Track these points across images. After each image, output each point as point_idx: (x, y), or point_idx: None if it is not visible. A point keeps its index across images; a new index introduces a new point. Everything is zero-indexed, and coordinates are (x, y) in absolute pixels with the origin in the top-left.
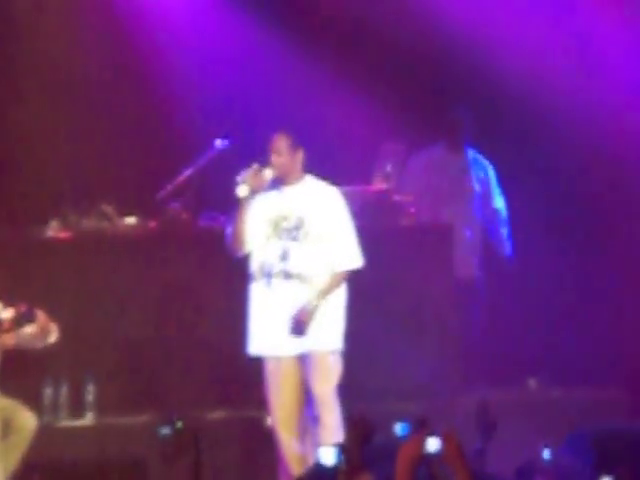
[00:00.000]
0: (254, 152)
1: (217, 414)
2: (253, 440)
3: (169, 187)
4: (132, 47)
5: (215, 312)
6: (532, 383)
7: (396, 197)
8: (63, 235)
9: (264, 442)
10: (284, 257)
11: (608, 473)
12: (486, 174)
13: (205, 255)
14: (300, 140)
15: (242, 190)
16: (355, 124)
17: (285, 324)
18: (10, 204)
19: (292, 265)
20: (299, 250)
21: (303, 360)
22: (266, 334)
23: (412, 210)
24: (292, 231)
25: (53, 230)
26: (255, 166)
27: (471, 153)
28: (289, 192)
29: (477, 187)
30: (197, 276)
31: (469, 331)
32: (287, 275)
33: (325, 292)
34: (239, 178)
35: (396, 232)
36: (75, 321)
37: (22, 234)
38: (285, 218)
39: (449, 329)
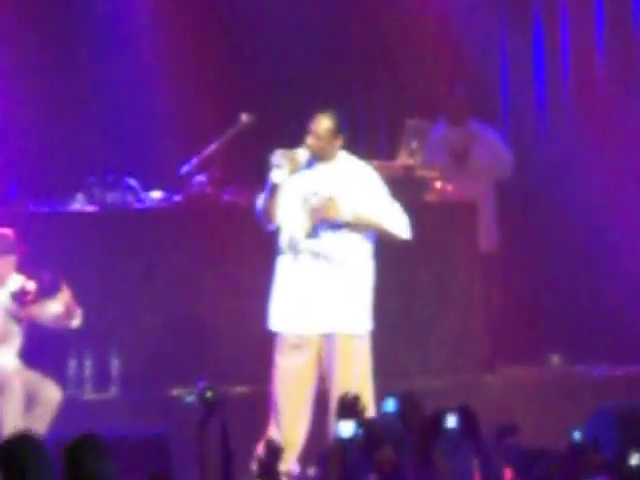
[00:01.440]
0: (279, 126)
1: (241, 389)
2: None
3: (194, 161)
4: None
5: (240, 286)
6: (555, 359)
7: (421, 173)
8: (88, 209)
9: None
10: (313, 235)
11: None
12: (491, 138)
13: (230, 229)
14: (342, 127)
15: (277, 175)
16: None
17: (309, 303)
18: (37, 178)
19: (320, 243)
20: (330, 228)
21: (326, 341)
22: (288, 310)
23: (437, 186)
24: (321, 208)
25: (79, 204)
26: (290, 150)
27: (476, 124)
28: (321, 170)
29: (484, 158)
30: (222, 250)
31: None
32: (314, 254)
33: (366, 223)
34: (274, 161)
35: (421, 208)
36: (100, 295)
37: (48, 208)
38: (315, 194)
39: (474, 305)
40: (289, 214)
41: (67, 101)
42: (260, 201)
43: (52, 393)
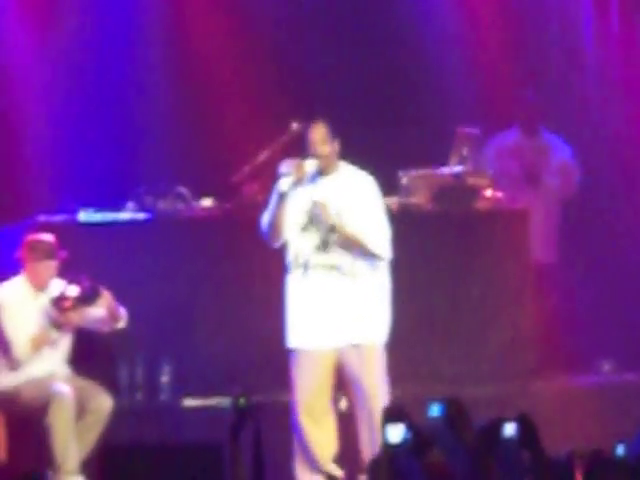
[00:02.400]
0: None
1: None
2: None
3: (245, 169)
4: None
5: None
6: (606, 366)
7: (472, 180)
8: (140, 217)
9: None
10: (322, 248)
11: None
12: (563, 156)
13: None
14: (334, 130)
15: (285, 183)
16: (428, 108)
17: (323, 317)
18: (89, 186)
19: (331, 257)
20: (339, 241)
21: (346, 353)
22: (305, 327)
23: (488, 193)
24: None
25: (130, 212)
26: (298, 159)
27: (547, 136)
28: (325, 183)
29: (554, 170)
30: (271, 257)
31: (545, 316)
32: (325, 267)
33: (349, 236)
34: (282, 170)
35: (472, 216)
36: (151, 302)
37: (100, 217)
38: (313, 202)
39: (524, 314)
40: (297, 229)
41: (118, 109)
42: (266, 217)
43: (103, 401)
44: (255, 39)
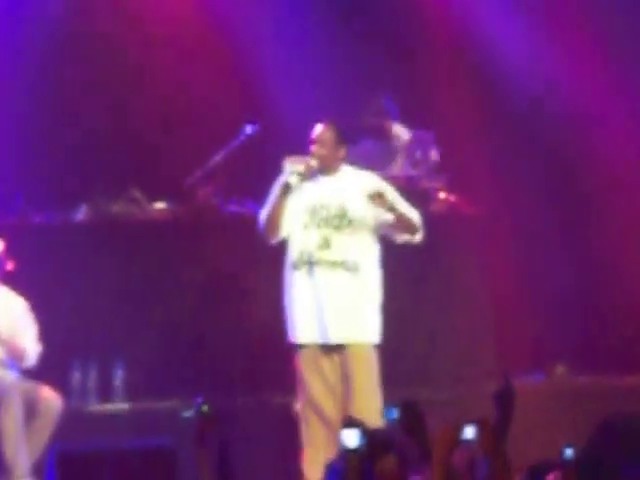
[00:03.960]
0: (283, 137)
1: (245, 400)
2: (281, 426)
3: (199, 172)
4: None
5: (243, 297)
6: (560, 369)
7: (426, 183)
8: (93, 220)
9: (292, 428)
10: (325, 245)
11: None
12: None
13: (234, 241)
14: (345, 136)
15: (293, 179)
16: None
17: (329, 313)
18: (41, 189)
19: (334, 253)
20: (342, 238)
21: (345, 350)
22: (310, 322)
23: (442, 196)
24: (333, 219)
25: (83, 214)
26: (304, 156)
27: None
28: (327, 181)
29: None
30: (226, 261)
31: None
32: (329, 263)
33: (405, 210)
34: (288, 166)
35: (426, 218)
36: (104, 305)
37: (52, 219)
38: (324, 207)
39: (480, 316)
40: (298, 227)
41: (71, 111)
42: (264, 212)
43: (52, 403)
44: (212, 42)
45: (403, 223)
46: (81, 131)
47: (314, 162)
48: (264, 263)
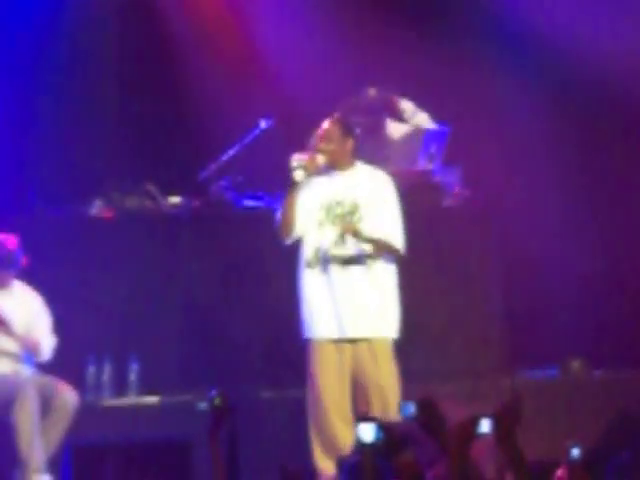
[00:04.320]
0: (297, 133)
1: (262, 394)
2: (298, 420)
3: (213, 166)
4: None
5: (258, 291)
6: (575, 364)
7: (440, 178)
8: (107, 214)
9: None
10: (340, 242)
11: None
12: None
13: (248, 235)
14: (350, 129)
15: (298, 175)
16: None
17: (344, 308)
18: (56, 183)
19: (349, 249)
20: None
21: (362, 345)
22: (325, 317)
23: (455, 190)
24: (347, 216)
25: (97, 209)
26: (310, 151)
27: None
28: (340, 178)
29: None
30: (240, 255)
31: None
32: (345, 260)
33: (371, 240)
34: (294, 162)
35: (439, 212)
36: (119, 300)
37: (67, 213)
38: (338, 204)
39: (493, 311)
40: (313, 225)
41: (86, 105)
42: (279, 212)
43: (67, 398)
44: (226, 36)
45: (380, 250)
46: (95, 125)
47: (321, 159)
48: (278, 257)
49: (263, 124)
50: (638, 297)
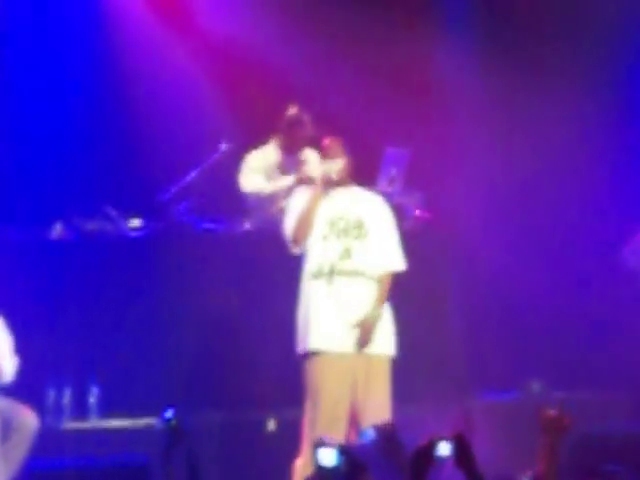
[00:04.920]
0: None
1: (218, 416)
2: (253, 443)
3: (173, 189)
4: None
5: (217, 314)
6: (535, 386)
7: (400, 200)
8: (67, 237)
9: (264, 445)
10: (346, 255)
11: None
12: None
13: (209, 257)
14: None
15: (335, 175)
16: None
17: (349, 321)
18: (17, 205)
19: (355, 263)
20: (361, 248)
21: (363, 361)
22: (330, 330)
23: (417, 213)
24: (352, 230)
25: (58, 232)
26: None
27: None
28: (343, 194)
29: None
30: (200, 277)
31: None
32: (350, 273)
33: (382, 298)
34: (329, 166)
35: (401, 236)
36: (79, 323)
37: (27, 235)
38: (342, 218)
39: (454, 332)
40: (316, 239)
41: (46, 130)
42: (295, 220)
43: (28, 420)
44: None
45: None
46: (55, 150)
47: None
48: (237, 278)
49: (223, 147)
50: (598, 319)
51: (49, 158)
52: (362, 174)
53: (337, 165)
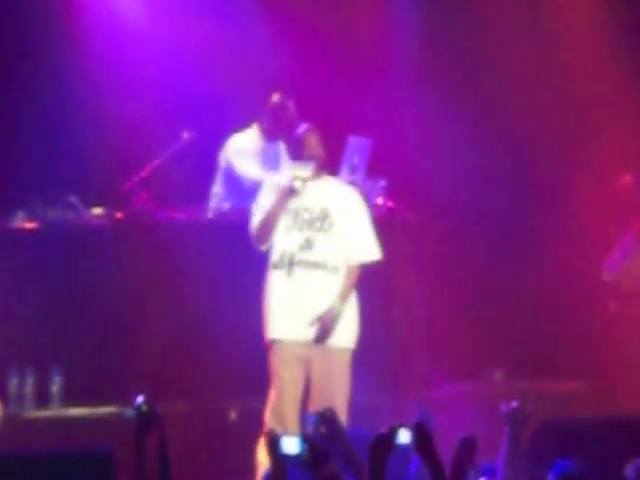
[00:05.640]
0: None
1: (180, 406)
2: (215, 433)
3: (135, 178)
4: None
5: (178, 302)
6: (497, 375)
7: (362, 189)
8: (29, 225)
9: (227, 435)
10: (307, 247)
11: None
12: None
13: (171, 246)
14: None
15: (298, 184)
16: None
17: (307, 312)
18: None
19: (316, 254)
20: (324, 240)
21: (320, 352)
22: (288, 319)
23: (379, 202)
24: (316, 222)
25: (19, 220)
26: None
27: None
28: (310, 185)
29: None
30: (162, 266)
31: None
32: (310, 264)
33: (347, 291)
34: (293, 171)
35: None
36: (41, 311)
37: None
38: (307, 209)
39: (416, 322)
40: (280, 230)
41: (6, 117)
42: (260, 219)
43: None
44: (145, 42)
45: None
46: (17, 138)
47: (312, 167)
48: (200, 267)
49: (185, 135)
50: (563, 309)
51: (11, 146)
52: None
53: (306, 172)
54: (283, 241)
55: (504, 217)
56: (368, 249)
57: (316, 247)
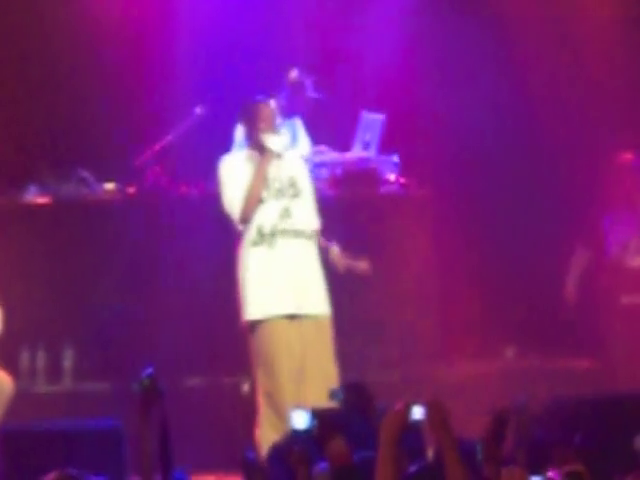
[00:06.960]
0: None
1: (194, 380)
2: (229, 407)
3: (148, 153)
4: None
5: (191, 278)
6: (509, 351)
7: (375, 165)
8: (41, 200)
9: (241, 409)
10: (286, 215)
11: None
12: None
13: (184, 221)
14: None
15: (282, 148)
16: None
17: (292, 282)
18: None
19: (295, 223)
20: (298, 206)
21: (309, 321)
22: (275, 296)
23: (391, 178)
24: (289, 189)
25: (32, 195)
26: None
27: None
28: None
29: None
30: (175, 241)
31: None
32: (291, 233)
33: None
34: (272, 140)
35: (375, 200)
36: (53, 287)
37: (0, 199)
38: (275, 178)
39: (427, 298)
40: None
41: (19, 91)
42: (241, 194)
43: (4, 385)
44: (157, 19)
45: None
46: (29, 111)
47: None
48: (213, 242)
49: (198, 110)
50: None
51: (24, 119)
52: (337, 138)
53: (284, 138)
54: (261, 214)
55: (519, 193)
56: (317, 217)
57: (294, 215)
